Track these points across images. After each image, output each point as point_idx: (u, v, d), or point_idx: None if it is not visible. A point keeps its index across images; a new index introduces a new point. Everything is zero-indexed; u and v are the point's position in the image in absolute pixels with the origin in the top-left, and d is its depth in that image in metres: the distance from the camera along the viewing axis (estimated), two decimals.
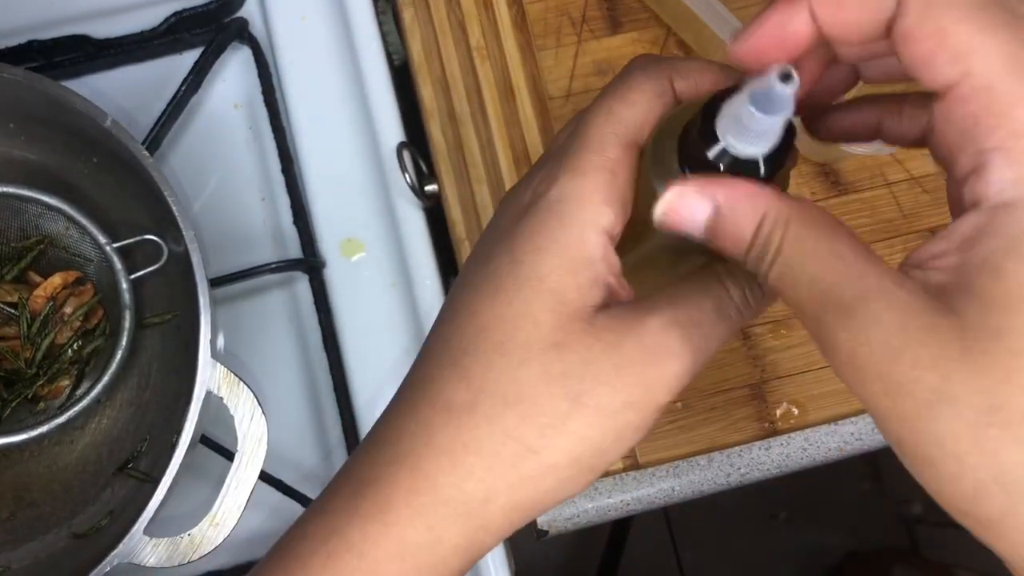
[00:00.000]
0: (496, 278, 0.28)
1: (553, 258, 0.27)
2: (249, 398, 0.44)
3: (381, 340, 0.53)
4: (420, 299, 0.53)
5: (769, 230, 0.25)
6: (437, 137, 0.54)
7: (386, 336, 0.53)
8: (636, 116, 0.29)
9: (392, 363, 0.52)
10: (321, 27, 0.56)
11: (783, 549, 1.31)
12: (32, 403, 0.50)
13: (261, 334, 0.54)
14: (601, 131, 0.28)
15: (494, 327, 0.28)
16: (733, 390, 0.50)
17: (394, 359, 0.53)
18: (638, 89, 0.29)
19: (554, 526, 0.51)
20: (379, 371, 0.52)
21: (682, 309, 0.27)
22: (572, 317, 0.27)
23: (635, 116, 0.29)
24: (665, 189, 0.26)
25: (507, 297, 0.28)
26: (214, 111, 0.57)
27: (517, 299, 0.28)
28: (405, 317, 0.53)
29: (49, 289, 0.49)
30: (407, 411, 0.29)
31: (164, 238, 0.46)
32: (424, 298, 0.53)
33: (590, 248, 0.28)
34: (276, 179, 0.56)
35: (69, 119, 0.46)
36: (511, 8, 0.54)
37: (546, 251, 0.28)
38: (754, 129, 0.25)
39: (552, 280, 0.27)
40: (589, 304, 0.28)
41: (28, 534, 0.49)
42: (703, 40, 0.52)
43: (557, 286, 0.27)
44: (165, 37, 0.56)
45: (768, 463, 0.51)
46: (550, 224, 0.28)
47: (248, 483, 0.43)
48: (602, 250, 0.28)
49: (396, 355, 0.53)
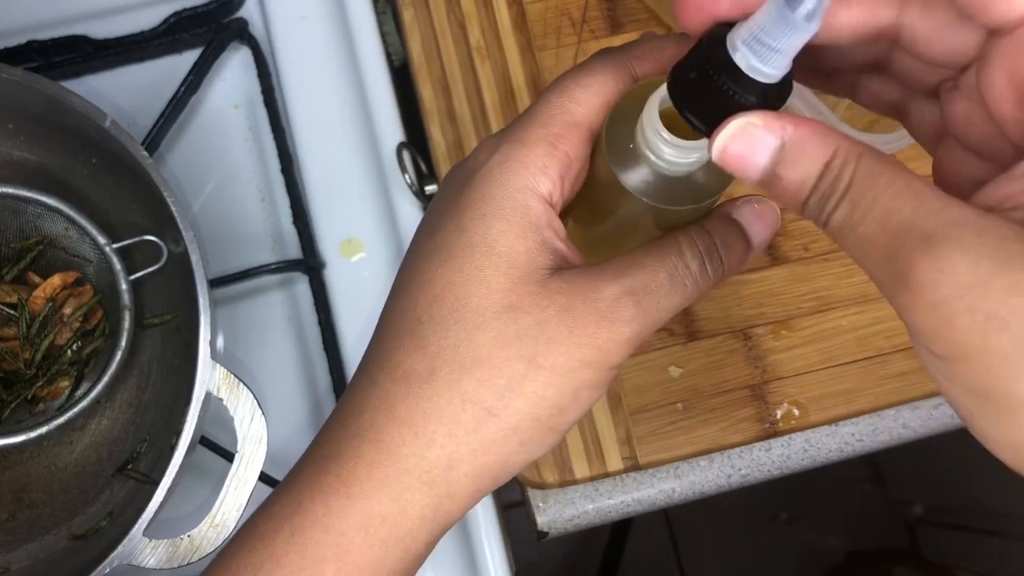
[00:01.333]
0: (446, 246, 0.28)
1: (499, 222, 0.28)
2: (249, 399, 0.44)
3: None
4: None
5: (840, 165, 0.23)
6: (437, 137, 0.54)
7: None
8: (588, 97, 0.29)
9: None
10: (321, 27, 0.56)
11: (783, 550, 1.31)
12: (31, 404, 0.50)
13: (261, 335, 0.54)
14: (550, 107, 0.29)
15: (447, 294, 0.28)
16: (734, 391, 0.50)
17: None
18: (593, 72, 0.29)
19: (554, 527, 0.51)
20: None
21: (637, 276, 0.28)
22: (524, 280, 0.28)
23: (588, 97, 0.29)
24: (620, 169, 0.27)
25: (458, 264, 0.28)
26: (213, 111, 0.57)
27: (468, 265, 0.28)
28: None
29: (48, 290, 0.49)
30: (367, 384, 0.29)
31: (163, 239, 0.46)
32: None
33: (534, 214, 0.28)
34: (276, 179, 0.56)
35: (68, 120, 0.46)
36: (511, 8, 0.54)
37: (492, 217, 0.28)
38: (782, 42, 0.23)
39: (501, 244, 0.28)
40: (540, 267, 0.28)
41: (27, 535, 0.48)
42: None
43: (506, 250, 0.28)
44: (164, 37, 0.56)
45: (769, 464, 0.51)
46: (492, 192, 0.28)
47: (248, 484, 0.43)
48: (546, 216, 0.28)
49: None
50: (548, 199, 0.29)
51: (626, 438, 0.49)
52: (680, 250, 0.28)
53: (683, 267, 0.28)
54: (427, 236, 0.30)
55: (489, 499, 0.51)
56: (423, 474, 0.28)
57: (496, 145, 0.29)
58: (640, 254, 0.28)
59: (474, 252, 0.28)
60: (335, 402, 0.52)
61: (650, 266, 0.28)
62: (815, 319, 0.51)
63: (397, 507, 0.28)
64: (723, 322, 0.50)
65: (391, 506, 0.28)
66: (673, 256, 0.28)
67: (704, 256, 0.29)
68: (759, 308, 0.51)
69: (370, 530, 0.28)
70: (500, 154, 0.29)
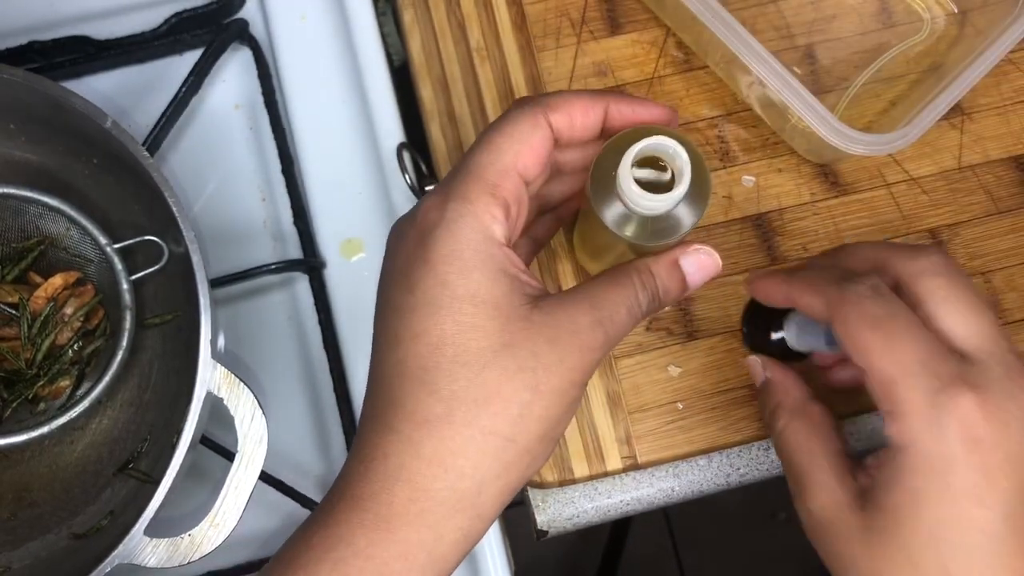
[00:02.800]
0: (431, 301, 0.32)
1: (474, 273, 0.32)
2: (249, 399, 0.44)
3: None
4: None
5: (790, 407, 0.41)
6: (437, 138, 0.54)
7: None
8: (512, 144, 0.34)
9: None
10: (321, 28, 0.57)
11: (783, 549, 1.31)
12: (33, 404, 0.50)
13: (261, 334, 0.54)
14: (481, 161, 0.34)
15: (445, 344, 0.32)
16: (733, 390, 0.50)
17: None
18: (513, 123, 0.35)
19: (554, 526, 0.51)
20: None
21: (604, 309, 0.34)
22: (511, 319, 0.32)
23: (511, 144, 0.34)
24: (606, 213, 0.36)
25: (449, 315, 0.32)
26: (214, 112, 0.57)
27: (460, 315, 0.32)
28: None
29: (50, 290, 0.49)
30: (385, 431, 0.33)
31: (164, 239, 0.46)
32: None
33: (499, 259, 0.33)
34: (276, 179, 0.56)
35: (69, 120, 0.46)
36: (511, 9, 0.55)
37: (468, 269, 0.32)
38: (805, 341, 0.43)
39: (482, 293, 0.32)
40: (518, 304, 0.33)
41: (28, 534, 0.49)
42: (703, 41, 0.52)
43: (487, 296, 0.32)
44: (165, 38, 0.56)
45: (768, 464, 0.51)
46: (459, 248, 0.33)
47: (248, 484, 0.43)
48: (508, 257, 0.33)
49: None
50: (506, 241, 0.34)
51: (625, 437, 0.49)
52: (636, 291, 0.35)
53: (636, 304, 0.35)
54: (404, 291, 0.33)
55: None
56: (456, 503, 0.32)
57: (443, 204, 0.33)
58: (607, 288, 0.35)
59: (462, 303, 0.32)
60: (335, 402, 0.52)
61: (614, 300, 0.34)
62: None
63: (434, 534, 0.32)
64: (722, 321, 0.51)
65: (428, 534, 0.32)
66: (631, 296, 0.35)
67: (649, 296, 0.35)
68: None
69: (409, 557, 0.32)
70: (451, 212, 0.33)
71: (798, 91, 0.46)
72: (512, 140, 0.34)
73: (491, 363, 0.32)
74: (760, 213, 0.52)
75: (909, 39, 0.54)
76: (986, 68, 0.47)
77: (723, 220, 0.52)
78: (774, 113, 0.51)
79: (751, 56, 0.46)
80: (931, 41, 0.54)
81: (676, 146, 0.34)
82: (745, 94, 0.52)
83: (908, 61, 0.54)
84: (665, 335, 0.50)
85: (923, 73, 0.53)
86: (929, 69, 0.53)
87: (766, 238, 0.52)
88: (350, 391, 0.53)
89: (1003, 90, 0.54)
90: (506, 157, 0.34)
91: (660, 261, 0.36)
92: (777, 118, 0.51)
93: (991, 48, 0.47)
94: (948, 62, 0.52)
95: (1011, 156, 0.53)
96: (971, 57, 0.48)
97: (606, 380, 0.50)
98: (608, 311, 0.34)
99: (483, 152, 0.34)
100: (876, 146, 0.46)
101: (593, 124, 0.37)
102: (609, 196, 0.35)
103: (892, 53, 0.54)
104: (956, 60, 0.50)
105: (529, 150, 0.35)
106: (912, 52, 0.54)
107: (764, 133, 0.53)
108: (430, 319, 0.32)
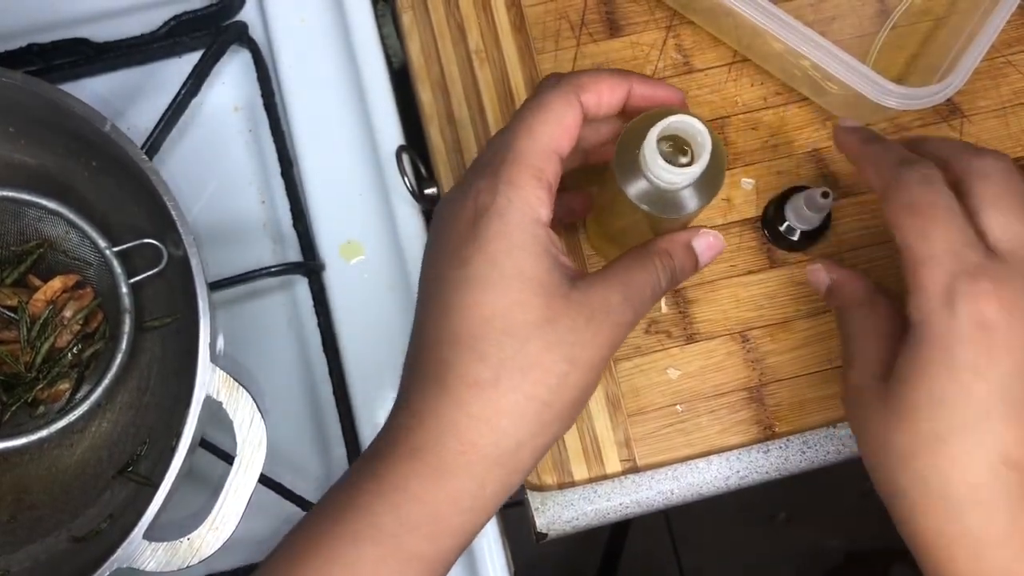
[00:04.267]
0: (482, 277, 0.36)
1: (521, 253, 0.36)
2: (248, 402, 0.44)
3: (380, 343, 0.53)
4: None
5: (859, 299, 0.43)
6: (436, 140, 0.54)
7: (385, 339, 0.53)
8: (550, 129, 0.37)
9: (391, 366, 0.52)
10: (320, 30, 0.56)
11: (783, 550, 1.31)
12: (32, 407, 0.50)
13: (260, 337, 0.54)
14: (523, 146, 0.37)
15: (496, 316, 0.35)
16: (732, 393, 0.50)
17: (393, 362, 0.52)
18: (549, 105, 0.38)
19: (553, 529, 0.51)
20: (378, 374, 0.53)
21: (633, 289, 0.37)
22: (553, 296, 0.36)
23: (549, 129, 0.37)
24: (626, 185, 0.39)
25: (501, 290, 0.35)
26: (213, 114, 0.57)
27: (509, 290, 0.35)
28: (404, 320, 0.53)
29: (49, 293, 0.49)
30: (437, 391, 0.36)
31: (164, 242, 0.46)
32: None
33: (543, 241, 0.36)
34: (275, 182, 0.56)
35: (68, 123, 0.46)
36: (510, 11, 0.55)
37: (516, 249, 0.36)
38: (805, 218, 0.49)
39: (528, 271, 0.36)
40: (559, 283, 0.36)
41: (28, 537, 0.49)
42: (713, 18, 0.52)
43: (533, 275, 0.36)
44: (164, 40, 0.56)
45: (767, 466, 0.51)
46: (509, 229, 0.36)
47: (247, 487, 0.43)
48: (551, 238, 0.37)
49: (395, 358, 0.52)
50: (548, 223, 0.37)
51: (624, 440, 0.49)
52: (657, 271, 0.39)
53: (657, 283, 0.38)
54: (456, 266, 0.36)
55: None
56: (498, 457, 0.36)
57: (493, 187, 0.36)
58: (633, 269, 0.38)
59: (511, 280, 0.35)
60: (335, 404, 0.52)
61: (640, 280, 0.38)
62: (813, 321, 0.51)
63: (477, 483, 0.36)
64: (721, 324, 0.51)
65: (473, 483, 0.36)
66: (654, 275, 0.38)
67: (669, 275, 0.39)
68: (757, 310, 0.51)
69: (456, 502, 0.36)
70: (501, 196, 0.36)
71: (830, 50, 0.46)
72: (549, 124, 0.37)
73: (534, 336, 0.35)
74: (759, 216, 0.52)
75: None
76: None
77: (722, 223, 0.52)
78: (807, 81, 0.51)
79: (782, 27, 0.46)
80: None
81: (699, 124, 0.37)
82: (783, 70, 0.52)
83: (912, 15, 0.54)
84: (664, 338, 0.50)
85: (931, 31, 0.53)
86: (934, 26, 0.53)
87: (765, 240, 0.52)
88: (349, 394, 0.53)
89: (1002, 92, 0.54)
90: (546, 140, 0.37)
91: (675, 243, 0.40)
92: (813, 86, 0.51)
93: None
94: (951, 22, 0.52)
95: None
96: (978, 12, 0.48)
97: (605, 383, 0.50)
98: (636, 290, 0.37)
99: (525, 137, 0.37)
100: (908, 99, 0.46)
101: (617, 103, 0.40)
102: (633, 171, 0.38)
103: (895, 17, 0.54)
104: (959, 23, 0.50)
105: (564, 131, 0.38)
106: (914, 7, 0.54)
107: (762, 136, 0.53)
108: (482, 294, 0.35)
